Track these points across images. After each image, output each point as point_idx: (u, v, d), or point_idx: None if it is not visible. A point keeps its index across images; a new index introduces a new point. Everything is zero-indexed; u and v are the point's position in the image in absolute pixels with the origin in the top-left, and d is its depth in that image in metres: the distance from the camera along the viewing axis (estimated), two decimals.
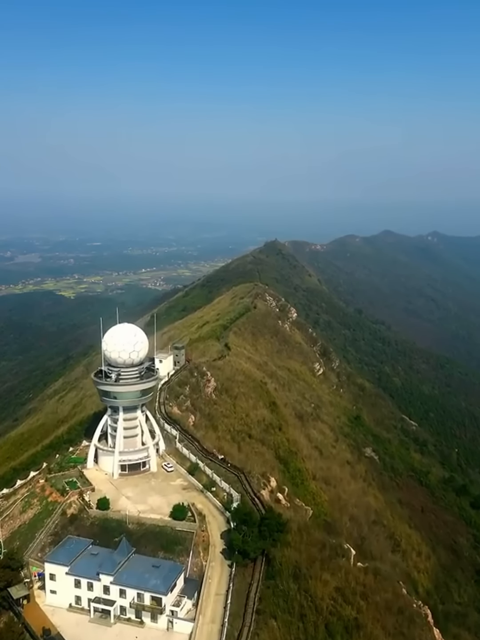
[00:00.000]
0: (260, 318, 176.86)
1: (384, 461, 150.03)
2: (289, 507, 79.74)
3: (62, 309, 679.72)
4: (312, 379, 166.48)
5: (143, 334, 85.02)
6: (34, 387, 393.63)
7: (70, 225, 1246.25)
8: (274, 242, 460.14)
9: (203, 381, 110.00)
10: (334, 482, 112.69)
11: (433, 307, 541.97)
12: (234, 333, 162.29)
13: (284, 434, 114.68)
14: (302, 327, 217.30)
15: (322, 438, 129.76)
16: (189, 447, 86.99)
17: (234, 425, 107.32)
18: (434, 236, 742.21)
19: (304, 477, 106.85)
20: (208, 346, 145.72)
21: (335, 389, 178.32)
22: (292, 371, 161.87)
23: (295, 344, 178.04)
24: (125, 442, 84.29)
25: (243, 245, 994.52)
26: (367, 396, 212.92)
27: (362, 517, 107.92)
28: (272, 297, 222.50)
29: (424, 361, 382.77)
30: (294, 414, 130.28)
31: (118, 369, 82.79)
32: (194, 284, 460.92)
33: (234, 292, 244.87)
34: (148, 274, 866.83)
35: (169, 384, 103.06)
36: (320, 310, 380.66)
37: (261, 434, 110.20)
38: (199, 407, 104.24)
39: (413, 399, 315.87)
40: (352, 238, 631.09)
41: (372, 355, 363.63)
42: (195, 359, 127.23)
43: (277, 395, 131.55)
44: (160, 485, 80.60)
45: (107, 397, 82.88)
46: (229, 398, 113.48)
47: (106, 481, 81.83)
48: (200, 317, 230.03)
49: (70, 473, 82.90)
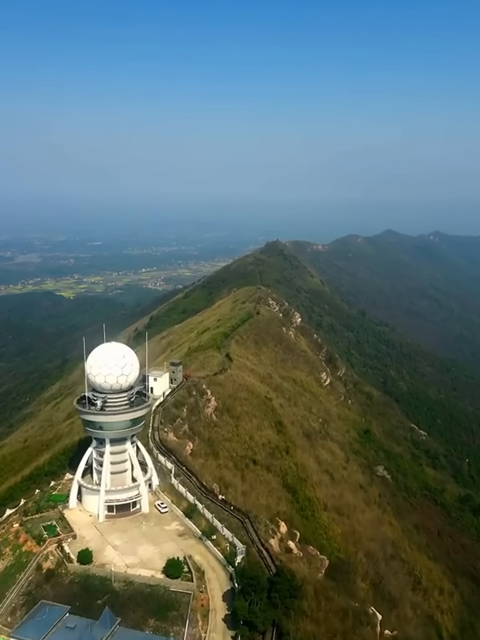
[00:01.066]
0: (264, 325, 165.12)
1: (397, 480, 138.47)
2: (301, 556, 68.13)
3: (62, 310, 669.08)
4: (318, 390, 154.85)
5: (133, 355, 73.20)
6: (31, 391, 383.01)
7: (71, 225, 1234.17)
8: (275, 242, 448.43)
9: (202, 401, 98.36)
10: (347, 511, 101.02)
11: (436, 308, 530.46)
12: (236, 342, 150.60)
13: (291, 458, 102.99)
14: (306, 333, 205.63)
15: (332, 459, 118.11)
16: (186, 483, 75.28)
17: (236, 450, 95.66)
18: (435, 235, 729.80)
19: (314, 508, 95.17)
20: (208, 357, 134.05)
21: (343, 400, 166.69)
22: (298, 382, 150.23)
23: (300, 353, 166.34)
24: (112, 478, 72.71)
25: (244, 245, 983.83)
26: (375, 405, 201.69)
27: (378, 552, 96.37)
28: (275, 301, 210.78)
29: (429, 364, 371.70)
30: (302, 433, 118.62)
31: (104, 395, 71.15)
32: (194, 284, 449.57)
33: (236, 295, 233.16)
34: (148, 274, 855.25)
35: (165, 405, 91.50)
36: (323, 312, 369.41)
37: (267, 458, 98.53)
38: (198, 431, 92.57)
39: (419, 404, 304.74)
40: (354, 238, 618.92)
41: (376, 358, 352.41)
42: (194, 374, 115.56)
43: (283, 412, 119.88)
44: (153, 531, 68.99)
45: (91, 428, 71.18)
46: (231, 419, 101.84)
47: (90, 525, 70.17)
48: (200, 322, 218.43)
49: (49, 515, 71.22)
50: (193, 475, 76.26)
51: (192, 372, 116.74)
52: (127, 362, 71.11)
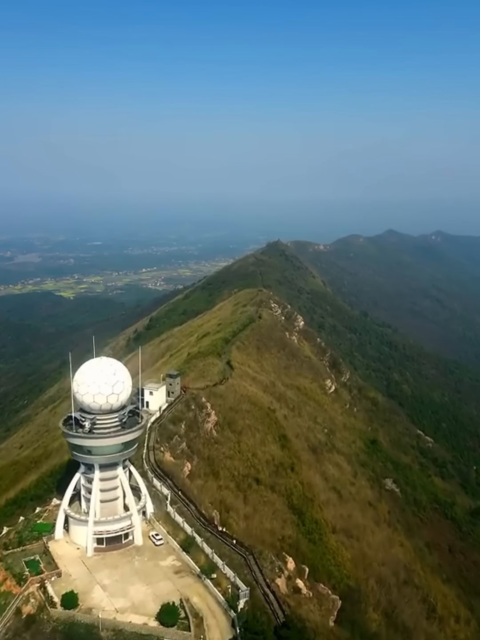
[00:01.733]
0: (266, 330, 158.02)
1: (406, 493, 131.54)
2: (311, 597, 61.08)
3: (61, 310, 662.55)
4: (323, 398, 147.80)
5: (125, 371, 65.96)
6: (29, 393, 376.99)
7: (71, 225, 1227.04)
8: (276, 242, 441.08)
9: (202, 415, 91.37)
10: (357, 533, 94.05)
11: (438, 308, 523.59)
12: (237, 348, 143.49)
13: (297, 476, 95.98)
14: (310, 337, 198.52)
15: (340, 474, 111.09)
16: (183, 511, 68.21)
17: (238, 468, 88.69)
18: (437, 235, 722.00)
19: (322, 531, 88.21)
20: (208, 365, 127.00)
21: (348, 407, 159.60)
22: (302, 390, 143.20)
23: (304, 359, 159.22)
24: (102, 507, 65.64)
25: (244, 245, 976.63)
26: (381, 411, 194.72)
27: (390, 577, 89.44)
28: (278, 304, 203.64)
29: (432, 366, 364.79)
30: (307, 447, 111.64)
31: (92, 416, 64.11)
32: (195, 285, 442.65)
33: (237, 298, 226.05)
34: (148, 273, 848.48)
35: (161, 422, 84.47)
36: (325, 314, 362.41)
37: (271, 477, 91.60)
38: (197, 449, 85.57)
39: (424, 408, 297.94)
40: (355, 238, 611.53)
41: (379, 360, 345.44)
42: (193, 384, 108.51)
43: (287, 425, 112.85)
44: (146, 567, 61.93)
45: (79, 452, 64.08)
46: (232, 434, 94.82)
47: (77, 560, 63.13)
48: (200, 326, 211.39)
49: (33, 549, 64.18)
50: (191, 503, 69.16)
51: (190, 383, 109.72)
52: (118, 379, 63.94)
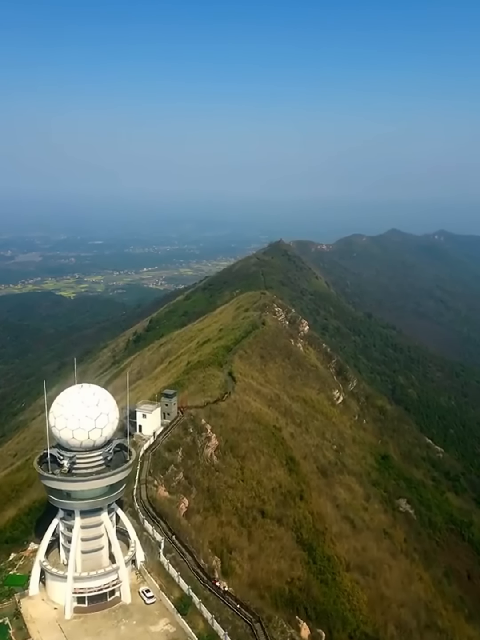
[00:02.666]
0: (270, 337, 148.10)
1: (421, 514, 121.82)
2: None
3: (61, 310, 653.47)
4: (331, 411, 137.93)
5: (110, 402, 55.96)
6: (27, 396, 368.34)
7: (72, 224, 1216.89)
8: (279, 242, 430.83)
9: (201, 439, 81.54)
10: (372, 569, 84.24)
11: (442, 309, 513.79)
12: (240, 357, 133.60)
13: (306, 505, 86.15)
14: (315, 342, 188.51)
15: (351, 499, 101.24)
16: (178, 562, 58.37)
17: (242, 500, 78.86)
18: (440, 235, 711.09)
19: (335, 570, 78.44)
20: (209, 377, 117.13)
21: (357, 419, 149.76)
22: (309, 402, 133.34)
23: (310, 367, 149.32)
24: (84, 559, 55.86)
25: (245, 244, 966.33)
26: (389, 420, 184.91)
27: (411, 621, 79.69)
28: (281, 307, 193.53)
29: (438, 369, 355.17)
30: (316, 469, 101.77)
31: (72, 454, 54.31)
32: (196, 286, 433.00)
33: (239, 301, 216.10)
34: (149, 273, 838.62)
35: (155, 449, 74.66)
36: (329, 316, 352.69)
37: (278, 508, 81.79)
38: (196, 479, 75.68)
39: (430, 413, 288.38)
40: (358, 237, 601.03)
41: (384, 363, 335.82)
42: (193, 399, 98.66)
43: (295, 444, 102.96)
44: (135, 634, 51.94)
45: (56, 497, 54.24)
46: (235, 459, 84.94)
47: (54, 624, 53.25)
48: (200, 330, 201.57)
49: (2, 609, 54.39)
50: (188, 553, 59.26)
51: (189, 399, 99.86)
52: (102, 411, 54.00)
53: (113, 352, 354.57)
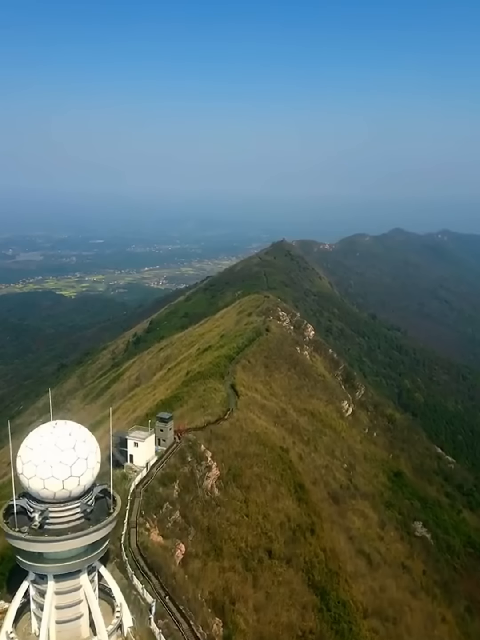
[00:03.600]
0: (275, 345, 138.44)
1: (437, 537, 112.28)
2: None
3: (62, 310, 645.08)
4: (340, 424, 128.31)
5: (89, 443, 46.08)
6: (25, 398, 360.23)
7: (74, 223, 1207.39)
8: (281, 242, 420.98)
9: (201, 468, 72.03)
10: (392, 612, 74.65)
11: (447, 309, 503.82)
12: (243, 367, 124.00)
13: (318, 540, 76.53)
14: (321, 348, 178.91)
15: (365, 527, 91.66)
16: (172, 631, 48.80)
17: (246, 538, 69.24)
18: (444, 234, 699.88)
19: (351, 617, 68.74)
20: (209, 391, 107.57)
21: (367, 432, 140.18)
22: (317, 416, 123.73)
23: (318, 377, 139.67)
24: (59, 630, 46.36)
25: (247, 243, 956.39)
26: (399, 430, 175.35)
27: None
28: (286, 312, 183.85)
29: (444, 372, 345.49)
30: (327, 494, 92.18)
31: (44, 506, 44.76)
32: (197, 286, 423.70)
33: (241, 304, 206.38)
34: (151, 272, 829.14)
35: (148, 484, 65.18)
36: (333, 317, 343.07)
37: (286, 546, 72.19)
38: (194, 518, 66.10)
39: (438, 418, 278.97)
40: (361, 237, 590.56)
41: (389, 366, 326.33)
42: (192, 419, 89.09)
43: (304, 467, 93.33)
44: None
45: (25, 558, 44.72)
46: (239, 490, 75.32)
47: None
48: (201, 335, 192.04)
49: None
50: (183, 619, 49.68)
51: (187, 417, 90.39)
52: (80, 455, 44.19)
53: (113, 354, 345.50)
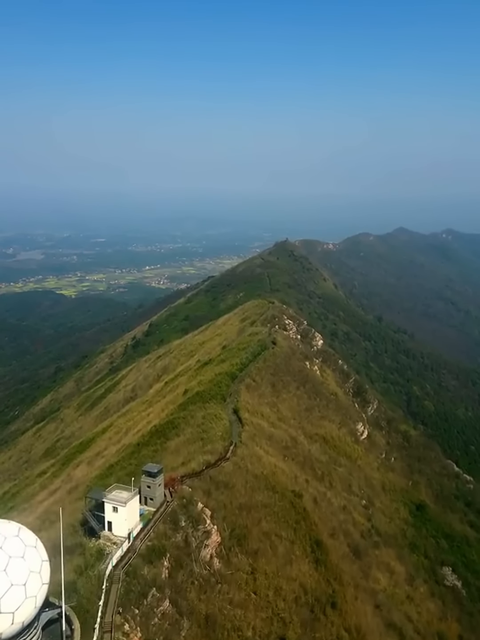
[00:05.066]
0: (282, 360, 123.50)
1: (468, 584, 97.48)
2: None
3: (62, 310, 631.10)
4: (355, 451, 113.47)
5: (33, 559, 31.37)
6: (21, 403, 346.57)
7: (76, 221, 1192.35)
8: (284, 242, 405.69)
9: (197, 535, 57.16)
10: None
11: (453, 311, 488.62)
12: (247, 387, 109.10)
13: (340, 616, 61.66)
14: (330, 359, 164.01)
15: (393, 586, 76.86)
16: None
17: (254, 624, 54.39)
18: (448, 233, 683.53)
19: None
20: (210, 418, 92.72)
21: (384, 456, 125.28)
22: (330, 441, 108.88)
23: (329, 396, 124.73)
24: None
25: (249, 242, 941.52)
26: (414, 448, 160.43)
27: None
28: (292, 320, 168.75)
29: (453, 377, 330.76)
30: (347, 547, 77.27)
31: None
32: (198, 287, 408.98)
33: (244, 310, 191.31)
34: (152, 271, 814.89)
35: (129, 563, 50.36)
36: (338, 320, 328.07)
37: (303, 630, 57.27)
38: (188, 605, 51.13)
39: (449, 427, 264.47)
40: (365, 236, 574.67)
41: (397, 371, 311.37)
42: (187, 462, 74.17)
43: (319, 515, 78.38)
44: None
45: None
46: (245, 557, 60.40)
47: None
48: (201, 344, 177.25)
49: None
50: None
51: (183, 458, 75.57)
52: (14, 580, 29.61)
53: (111, 357, 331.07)
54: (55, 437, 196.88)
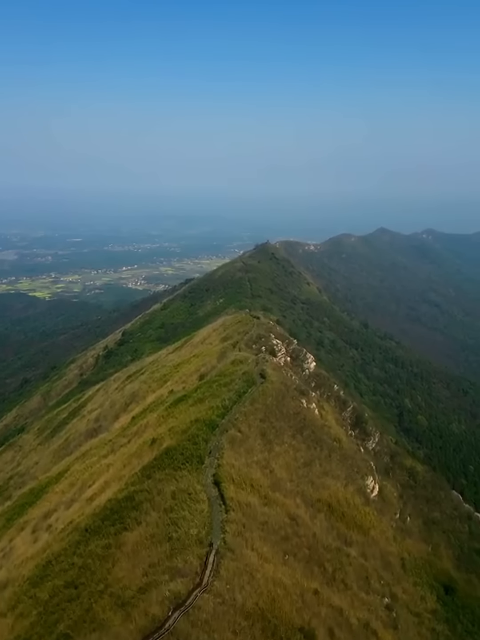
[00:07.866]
0: (274, 400, 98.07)
1: None
2: None
3: (34, 313, 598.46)
4: (367, 517, 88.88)
5: None
6: None
7: (51, 220, 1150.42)
8: (265, 244, 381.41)
9: None
10: None
11: (437, 313, 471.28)
12: (232, 441, 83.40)
13: None
14: (325, 384, 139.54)
15: None
16: None
17: None
18: (428, 233, 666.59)
19: None
20: (180, 499, 66.73)
21: (398, 517, 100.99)
22: (336, 510, 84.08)
23: (332, 443, 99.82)
24: None
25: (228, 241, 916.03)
26: (421, 487, 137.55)
27: None
28: (280, 339, 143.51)
29: (444, 386, 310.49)
30: None
31: None
32: (175, 291, 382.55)
33: (225, 327, 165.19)
34: (129, 272, 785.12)
35: None
36: (323, 327, 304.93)
37: None
38: None
39: (444, 445, 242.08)
40: (347, 237, 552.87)
41: (386, 382, 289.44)
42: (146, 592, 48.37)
43: None
44: None
45: None
46: None
47: None
48: (176, 367, 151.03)
49: None
50: None
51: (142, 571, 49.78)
52: None
53: (81, 369, 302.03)
54: (9, 473, 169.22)
